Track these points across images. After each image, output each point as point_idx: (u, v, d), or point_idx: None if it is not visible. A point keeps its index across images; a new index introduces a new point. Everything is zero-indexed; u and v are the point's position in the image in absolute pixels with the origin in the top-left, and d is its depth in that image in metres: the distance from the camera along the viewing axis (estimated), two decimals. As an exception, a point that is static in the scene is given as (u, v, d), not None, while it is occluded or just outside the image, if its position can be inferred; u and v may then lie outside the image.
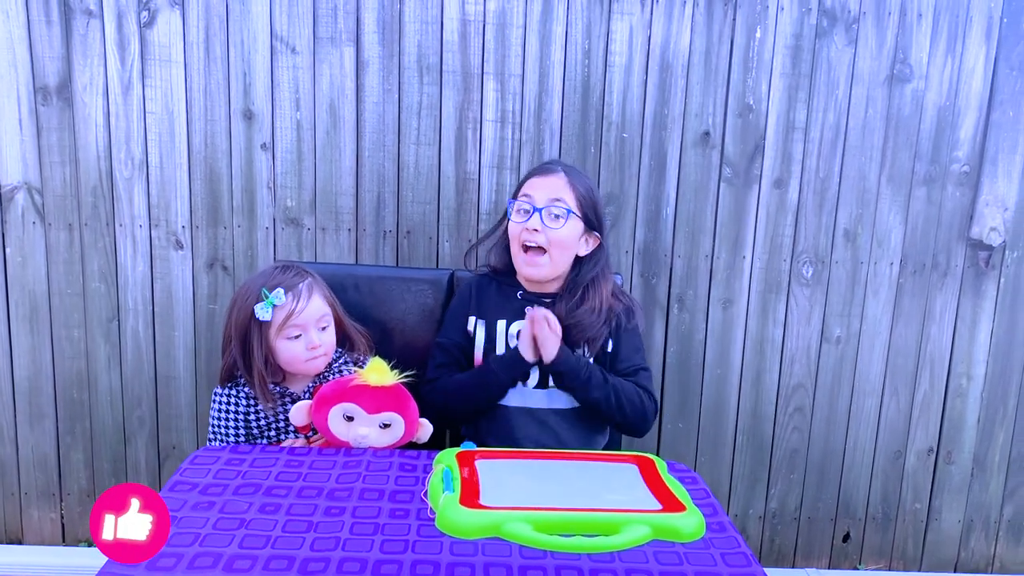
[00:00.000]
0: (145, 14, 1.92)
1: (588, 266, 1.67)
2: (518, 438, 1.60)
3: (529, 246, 1.62)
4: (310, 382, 1.60)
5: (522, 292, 1.68)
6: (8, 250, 2.00)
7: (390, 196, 2.02)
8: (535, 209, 1.60)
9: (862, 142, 2.05)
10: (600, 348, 1.64)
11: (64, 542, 2.17)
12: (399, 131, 2.00)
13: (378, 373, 1.38)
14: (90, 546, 2.16)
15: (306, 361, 1.54)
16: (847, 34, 2.01)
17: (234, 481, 1.21)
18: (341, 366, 1.63)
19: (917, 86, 2.04)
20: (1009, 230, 2.12)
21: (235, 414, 1.56)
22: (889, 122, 2.05)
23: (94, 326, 2.05)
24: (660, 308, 2.11)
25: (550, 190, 1.62)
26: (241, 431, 1.56)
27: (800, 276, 2.11)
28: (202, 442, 2.09)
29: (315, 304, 1.55)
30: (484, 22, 1.96)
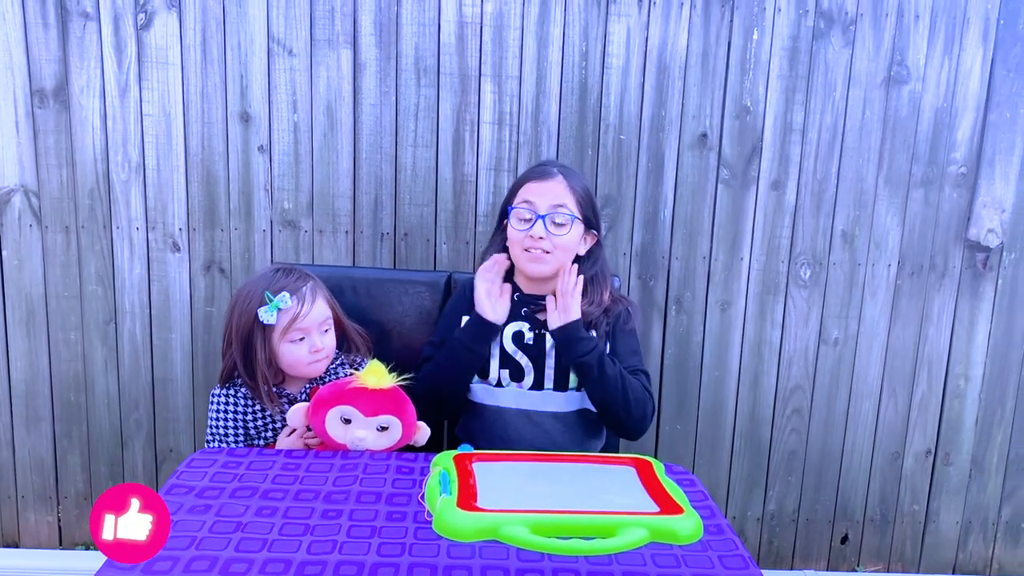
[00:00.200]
0: (142, 16, 1.92)
1: (587, 265, 1.67)
2: (514, 441, 1.60)
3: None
4: (307, 383, 1.60)
5: (519, 294, 1.68)
6: (5, 253, 2.00)
7: (387, 198, 2.02)
8: (538, 216, 1.59)
9: (859, 144, 2.05)
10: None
11: (61, 545, 2.17)
12: (396, 133, 2.00)
13: (376, 376, 1.38)
14: (87, 549, 2.16)
15: (309, 364, 1.54)
16: (844, 36, 2.01)
17: (231, 484, 1.20)
18: (338, 368, 1.62)
19: (914, 88, 2.04)
20: (1007, 232, 2.12)
21: (233, 415, 1.55)
22: (886, 124, 2.05)
23: (91, 329, 2.04)
24: (658, 310, 2.11)
25: (551, 196, 1.60)
26: (240, 432, 1.56)
27: (798, 278, 2.11)
28: (199, 445, 2.09)
29: (319, 307, 1.55)
30: (481, 24, 1.96)
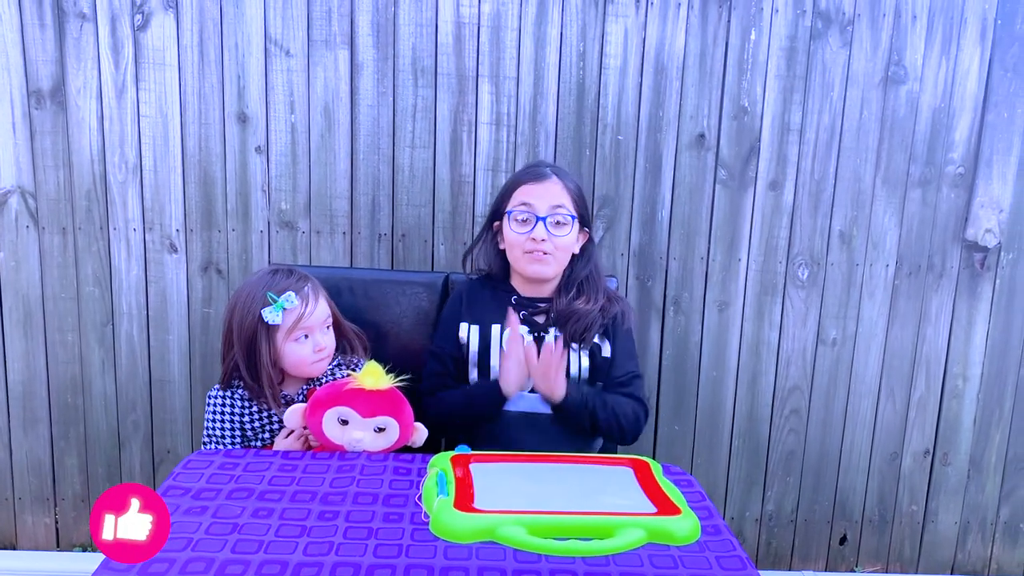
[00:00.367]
0: (139, 17, 1.92)
1: (581, 263, 1.68)
2: (514, 442, 1.59)
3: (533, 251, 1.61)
4: (304, 384, 1.59)
5: (517, 297, 1.68)
6: (1, 254, 2.00)
7: (385, 199, 2.02)
8: (539, 218, 1.59)
9: (857, 144, 2.05)
10: (596, 352, 1.64)
11: (58, 547, 2.16)
12: (394, 134, 1.99)
13: (373, 377, 1.38)
14: (84, 551, 2.16)
15: (312, 363, 1.55)
16: (842, 36, 2.01)
17: (227, 485, 1.20)
18: (335, 369, 1.62)
19: (912, 88, 2.04)
20: (1004, 232, 2.12)
21: (229, 417, 1.55)
22: (884, 124, 2.05)
23: (88, 330, 2.04)
24: (656, 310, 2.11)
25: (549, 197, 1.61)
26: (236, 434, 1.56)
27: (795, 278, 2.11)
28: (197, 446, 2.08)
29: (321, 306, 1.56)
30: (479, 24, 1.96)
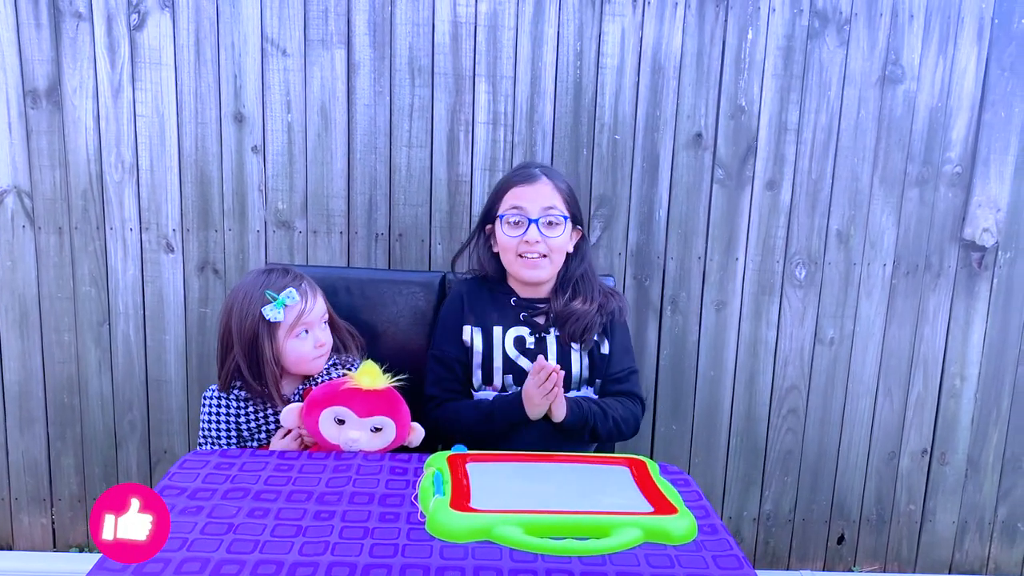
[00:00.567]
0: (135, 17, 1.91)
1: (576, 261, 1.69)
2: (512, 442, 1.59)
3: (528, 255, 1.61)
4: (300, 384, 1.59)
5: (516, 299, 1.68)
6: (-2, 254, 2.00)
7: (382, 199, 2.02)
8: (530, 221, 1.59)
9: (854, 143, 2.05)
10: (595, 350, 1.65)
11: (55, 547, 2.16)
12: (391, 133, 1.99)
13: (370, 376, 1.38)
14: (81, 551, 2.15)
15: (313, 359, 1.55)
16: (839, 35, 2.01)
17: (223, 485, 1.20)
18: (331, 368, 1.62)
19: (909, 87, 2.04)
20: (1002, 231, 2.12)
21: (225, 417, 1.55)
22: (881, 123, 2.05)
23: (84, 330, 2.04)
24: (653, 310, 2.10)
25: (541, 199, 1.61)
26: (232, 434, 1.55)
27: (793, 278, 2.10)
28: (193, 446, 2.08)
29: (319, 302, 1.57)
30: (476, 24, 1.96)
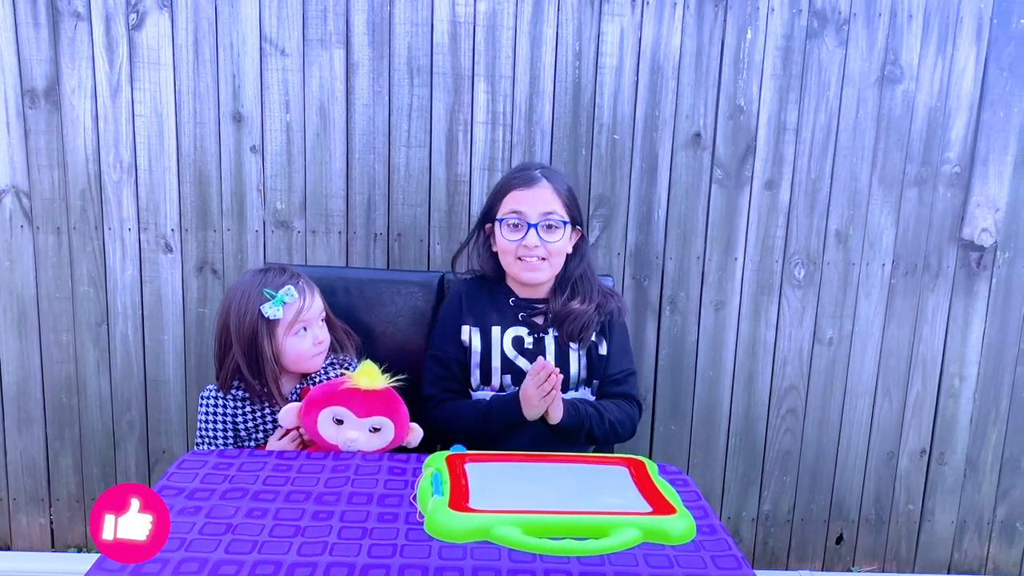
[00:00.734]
0: (133, 16, 1.91)
1: (575, 262, 1.68)
2: (511, 442, 1.59)
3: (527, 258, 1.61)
4: (297, 383, 1.59)
5: (514, 299, 1.67)
6: (-4, 254, 1.99)
7: (380, 198, 2.02)
8: (529, 225, 1.59)
9: (853, 143, 2.05)
10: (593, 351, 1.65)
11: (53, 548, 2.16)
12: (389, 133, 1.99)
13: (369, 376, 1.38)
14: (79, 551, 2.15)
15: (312, 357, 1.55)
16: (838, 35, 2.01)
17: (221, 485, 1.20)
18: (328, 368, 1.62)
19: (908, 87, 2.04)
20: (1000, 231, 2.12)
21: (222, 417, 1.54)
22: (880, 123, 2.05)
23: (83, 330, 2.03)
24: (652, 310, 2.10)
25: (540, 203, 1.60)
26: (229, 434, 1.55)
27: (792, 277, 2.10)
28: (192, 446, 2.07)
29: (317, 300, 1.58)
30: (474, 24, 1.96)
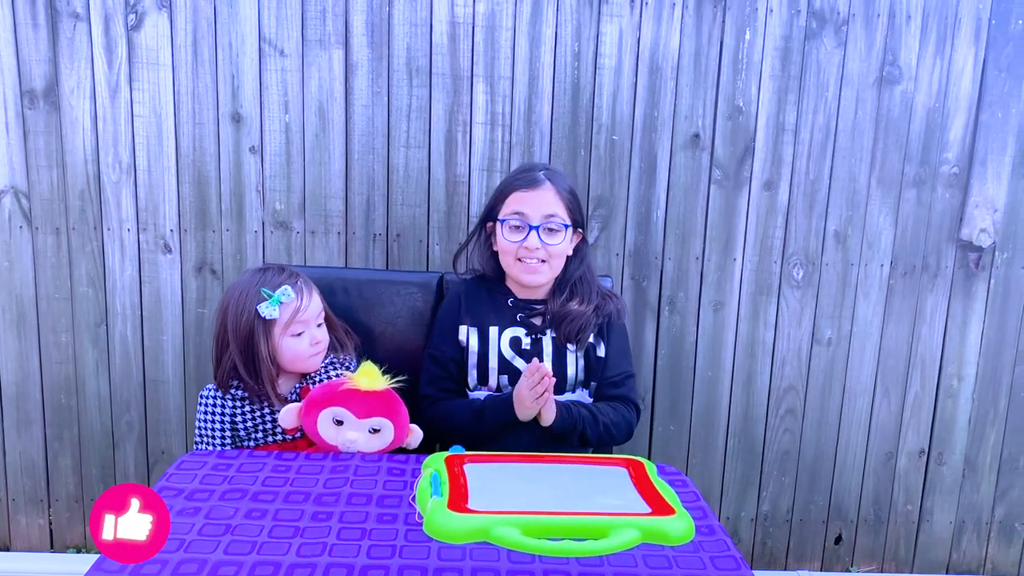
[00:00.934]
0: (132, 17, 1.91)
1: (575, 264, 1.68)
2: (510, 442, 1.59)
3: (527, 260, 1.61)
4: (296, 383, 1.59)
5: (513, 300, 1.68)
6: (-5, 254, 1.99)
7: (380, 199, 2.02)
8: (531, 227, 1.59)
9: (852, 144, 2.05)
10: (591, 352, 1.65)
11: (52, 548, 2.15)
12: (388, 134, 1.99)
13: (369, 377, 1.38)
14: (79, 552, 2.15)
15: (309, 357, 1.55)
16: (836, 36, 2.01)
17: (220, 486, 1.20)
18: (327, 368, 1.61)
19: (906, 88, 2.04)
20: (999, 231, 2.12)
21: (221, 417, 1.54)
22: (879, 124, 2.05)
23: (82, 331, 2.03)
24: (651, 311, 2.10)
25: (542, 206, 1.59)
26: (228, 434, 1.55)
27: (791, 278, 2.11)
28: (191, 446, 2.07)
29: (315, 300, 1.57)
30: (473, 24, 1.96)
